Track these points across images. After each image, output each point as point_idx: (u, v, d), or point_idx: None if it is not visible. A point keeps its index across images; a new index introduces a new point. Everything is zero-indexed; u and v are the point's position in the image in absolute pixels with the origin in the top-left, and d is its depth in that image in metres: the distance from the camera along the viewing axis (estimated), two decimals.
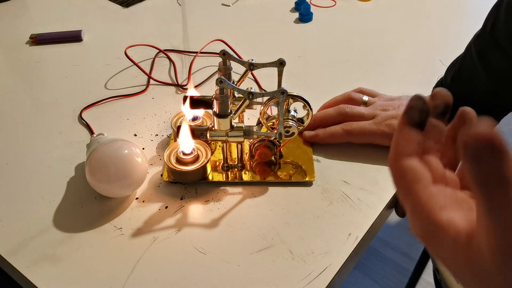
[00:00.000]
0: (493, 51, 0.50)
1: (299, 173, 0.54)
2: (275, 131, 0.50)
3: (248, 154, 0.56)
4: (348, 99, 0.60)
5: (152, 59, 0.74)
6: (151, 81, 0.69)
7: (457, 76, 0.54)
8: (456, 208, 0.27)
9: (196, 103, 0.53)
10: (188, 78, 0.69)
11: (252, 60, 0.53)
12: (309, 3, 0.87)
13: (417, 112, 0.29)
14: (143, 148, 0.58)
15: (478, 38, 0.52)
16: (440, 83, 0.56)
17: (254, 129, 0.51)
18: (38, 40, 0.78)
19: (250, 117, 0.62)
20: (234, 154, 0.56)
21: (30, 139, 0.59)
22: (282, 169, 0.54)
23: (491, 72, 0.51)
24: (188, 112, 0.56)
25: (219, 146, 0.57)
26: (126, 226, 0.48)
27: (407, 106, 0.29)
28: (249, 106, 0.54)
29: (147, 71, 0.72)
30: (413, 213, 0.28)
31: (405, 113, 0.29)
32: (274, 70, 0.52)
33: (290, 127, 0.51)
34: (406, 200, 0.28)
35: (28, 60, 0.75)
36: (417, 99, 0.29)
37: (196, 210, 0.50)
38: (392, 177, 0.29)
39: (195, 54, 0.74)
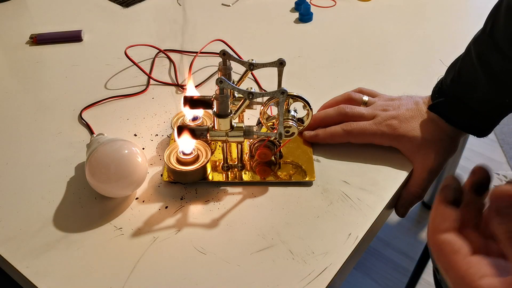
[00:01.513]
0: (493, 53, 0.50)
1: (299, 173, 0.54)
2: (275, 131, 0.50)
3: (248, 154, 0.56)
4: (348, 99, 0.60)
5: (152, 59, 0.74)
6: (151, 81, 0.69)
7: (457, 77, 0.54)
8: (498, 275, 0.28)
9: (195, 103, 0.53)
10: (188, 77, 0.69)
11: (252, 60, 0.53)
12: (309, 3, 0.87)
13: (451, 191, 0.32)
14: (143, 148, 0.58)
15: (478, 40, 0.52)
16: (440, 84, 0.56)
17: (254, 129, 0.51)
18: (38, 40, 0.78)
19: (250, 117, 0.62)
20: (234, 154, 0.56)
21: (30, 139, 0.59)
22: (282, 169, 0.54)
23: (491, 74, 0.51)
24: (188, 112, 0.56)
25: (219, 146, 0.57)
26: (126, 226, 0.48)
27: (441, 185, 0.32)
28: (249, 106, 0.54)
29: (147, 71, 0.72)
30: (455, 285, 0.30)
31: (440, 192, 0.32)
32: (274, 70, 0.52)
33: (290, 127, 0.51)
34: (448, 272, 0.30)
35: (28, 60, 0.75)
36: (452, 178, 0.32)
37: (196, 210, 0.50)
38: (432, 252, 0.31)
39: (195, 54, 0.74)
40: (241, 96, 0.53)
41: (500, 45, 0.49)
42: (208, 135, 0.50)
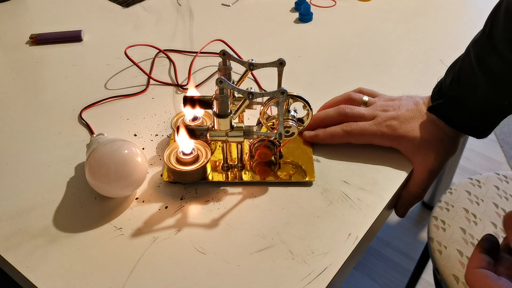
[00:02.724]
0: (492, 55, 0.50)
1: (299, 173, 0.54)
2: (275, 131, 0.50)
3: (248, 154, 0.56)
4: (348, 99, 0.60)
5: (152, 59, 0.74)
6: (151, 81, 0.70)
7: (456, 79, 0.54)
8: None
9: (196, 103, 0.53)
10: (188, 78, 0.69)
11: (252, 60, 0.53)
12: (309, 3, 0.87)
13: (487, 242, 0.38)
14: (143, 148, 0.58)
15: (477, 42, 0.52)
16: (439, 85, 0.56)
17: (254, 129, 0.51)
18: (38, 40, 0.78)
19: (250, 117, 0.62)
20: (234, 154, 0.56)
21: (30, 139, 0.59)
22: (282, 169, 0.55)
23: (490, 76, 0.51)
24: (188, 112, 0.56)
25: (219, 146, 0.57)
26: (126, 226, 0.48)
27: (481, 238, 0.38)
28: (249, 106, 0.54)
29: (147, 71, 0.72)
30: None
31: (478, 243, 0.38)
32: (274, 70, 0.52)
33: (290, 127, 0.51)
34: None
35: (28, 60, 0.75)
36: (489, 235, 0.38)
37: (196, 210, 0.50)
38: (468, 284, 0.36)
39: (195, 54, 0.74)
40: (241, 96, 0.53)
41: (499, 48, 0.49)
42: (208, 135, 0.50)
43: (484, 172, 0.95)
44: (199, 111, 0.57)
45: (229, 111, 0.49)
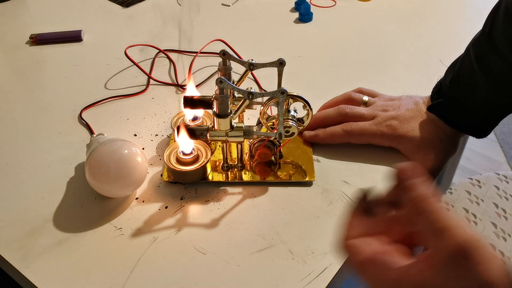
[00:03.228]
0: (491, 55, 0.50)
1: (299, 173, 0.54)
2: (275, 131, 0.50)
3: (248, 154, 0.56)
4: (348, 99, 0.60)
5: (152, 59, 0.74)
6: (151, 81, 0.69)
7: (456, 79, 0.54)
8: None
9: (195, 103, 0.53)
10: (188, 76, 0.69)
11: (252, 60, 0.53)
12: (309, 3, 0.87)
13: (362, 203, 0.35)
14: (143, 148, 0.58)
15: (477, 41, 0.52)
16: (439, 85, 0.56)
17: (254, 129, 0.51)
18: (38, 40, 0.78)
19: (250, 117, 0.62)
20: (234, 154, 0.56)
21: (30, 139, 0.59)
22: (282, 169, 0.54)
23: (490, 76, 0.51)
24: (188, 112, 0.56)
25: (219, 146, 0.57)
26: (126, 226, 0.48)
27: (357, 199, 0.36)
28: (249, 106, 0.54)
29: (147, 71, 0.72)
30: (369, 277, 0.34)
31: (354, 205, 0.35)
32: (274, 70, 0.52)
33: (290, 127, 0.51)
34: (359, 272, 0.34)
35: (28, 60, 0.75)
36: (364, 193, 0.35)
37: (196, 210, 0.50)
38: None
39: (195, 54, 0.74)
40: (241, 96, 0.53)
41: (499, 47, 0.49)
42: (208, 135, 0.50)
43: (484, 172, 0.95)
44: (199, 111, 0.57)
45: (229, 111, 0.49)
